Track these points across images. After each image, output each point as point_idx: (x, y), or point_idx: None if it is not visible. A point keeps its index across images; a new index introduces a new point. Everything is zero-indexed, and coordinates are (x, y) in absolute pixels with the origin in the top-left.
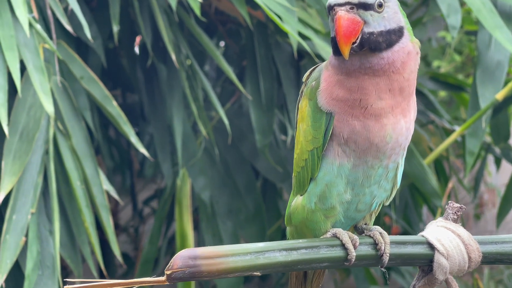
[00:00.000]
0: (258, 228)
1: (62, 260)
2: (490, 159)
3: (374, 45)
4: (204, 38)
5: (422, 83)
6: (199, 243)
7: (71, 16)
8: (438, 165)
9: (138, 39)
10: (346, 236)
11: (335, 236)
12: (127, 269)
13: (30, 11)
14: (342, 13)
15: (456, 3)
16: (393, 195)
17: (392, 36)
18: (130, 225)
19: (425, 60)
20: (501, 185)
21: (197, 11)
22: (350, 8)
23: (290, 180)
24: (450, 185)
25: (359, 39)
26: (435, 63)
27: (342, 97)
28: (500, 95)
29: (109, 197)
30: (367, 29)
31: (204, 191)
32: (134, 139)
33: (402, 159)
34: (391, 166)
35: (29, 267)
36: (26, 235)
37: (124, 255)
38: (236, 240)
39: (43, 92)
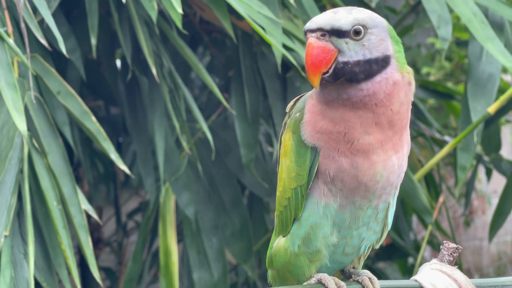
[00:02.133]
0: (244, 244)
1: (37, 283)
2: (481, 167)
3: (349, 75)
4: (187, 51)
5: None
6: (183, 259)
7: (48, 28)
8: (428, 175)
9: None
10: (332, 282)
11: (320, 282)
12: (111, 285)
13: (3, 25)
14: (312, 40)
15: (446, 14)
16: (383, 238)
17: (373, 66)
18: (113, 239)
19: (414, 67)
20: (491, 192)
21: (179, 24)
22: (322, 35)
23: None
24: (441, 199)
25: (332, 69)
26: (424, 70)
27: (325, 129)
28: (492, 109)
29: (96, 210)
30: (341, 58)
31: (188, 206)
32: (114, 156)
33: (394, 198)
34: (381, 207)
35: None
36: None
37: (108, 270)
38: (222, 257)
39: (16, 109)
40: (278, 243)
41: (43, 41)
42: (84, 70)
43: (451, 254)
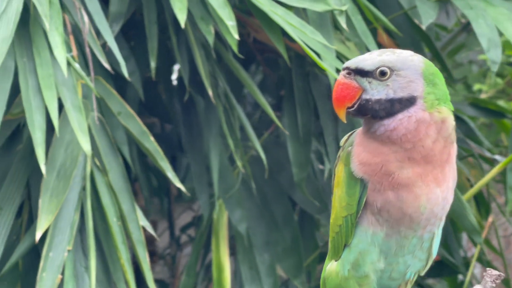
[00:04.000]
0: (295, 261)
1: None
2: None
3: (371, 112)
4: (242, 73)
5: (462, 109)
6: (236, 274)
7: (109, 50)
8: (478, 194)
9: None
10: None
11: None
12: None
13: (69, 50)
14: (340, 77)
15: (496, 37)
16: (428, 265)
17: (396, 105)
18: (167, 252)
19: (465, 84)
20: None
21: (235, 48)
22: (347, 73)
23: (327, 211)
24: (490, 219)
25: (356, 104)
26: (476, 87)
27: (366, 161)
28: None
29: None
30: (365, 96)
31: (241, 223)
32: (171, 175)
33: (438, 229)
34: (426, 237)
35: None
36: (62, 273)
37: (161, 282)
38: (273, 272)
39: (81, 130)
40: (331, 266)
41: (106, 65)
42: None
43: (493, 281)
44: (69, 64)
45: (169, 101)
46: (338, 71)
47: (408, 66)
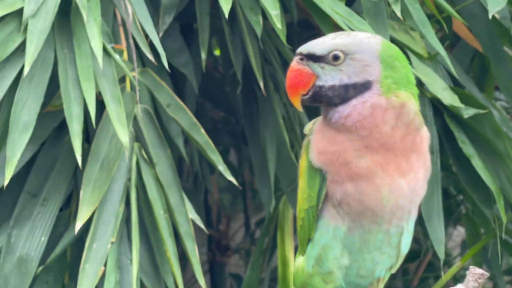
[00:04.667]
0: None
1: None
2: None
3: (325, 99)
4: None
5: None
6: None
7: (163, 42)
8: None
9: None
10: None
11: None
12: None
13: (111, 40)
14: (293, 63)
15: None
16: (398, 263)
17: (350, 91)
18: (241, 247)
19: None
20: None
21: (283, 38)
22: (300, 59)
23: None
24: None
25: (311, 91)
26: None
27: (324, 150)
28: None
29: (224, 218)
30: (318, 82)
31: None
32: (222, 168)
33: (408, 223)
34: (393, 231)
35: None
36: (105, 265)
37: (237, 276)
38: None
39: (119, 122)
40: (298, 262)
41: (150, 56)
42: (205, 82)
43: (476, 280)
44: (109, 56)
45: (232, 94)
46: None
47: (364, 49)
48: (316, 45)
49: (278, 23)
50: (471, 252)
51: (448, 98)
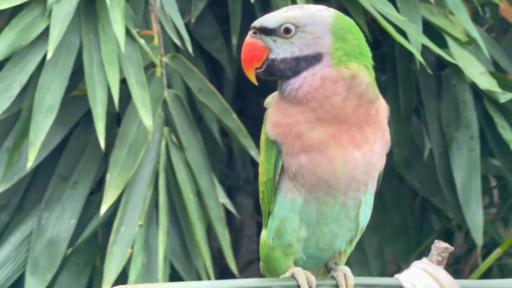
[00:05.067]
0: (404, 244)
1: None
2: None
3: (277, 72)
4: None
5: None
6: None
7: (196, 27)
8: None
9: None
10: (302, 277)
11: (293, 276)
12: None
13: (135, 26)
14: (247, 38)
15: None
16: (357, 237)
17: (301, 63)
18: None
19: None
20: None
21: None
22: (253, 33)
23: (442, 194)
24: None
25: (265, 65)
26: None
27: (278, 122)
28: None
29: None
30: (271, 55)
31: None
32: (254, 153)
33: (366, 195)
34: (350, 204)
35: (131, 279)
36: (133, 247)
37: None
38: (380, 256)
39: (143, 106)
40: (262, 235)
41: (177, 41)
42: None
43: (439, 254)
44: (135, 40)
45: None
46: (439, 43)
47: (315, 21)
48: (268, 19)
49: None
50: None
51: (485, 82)
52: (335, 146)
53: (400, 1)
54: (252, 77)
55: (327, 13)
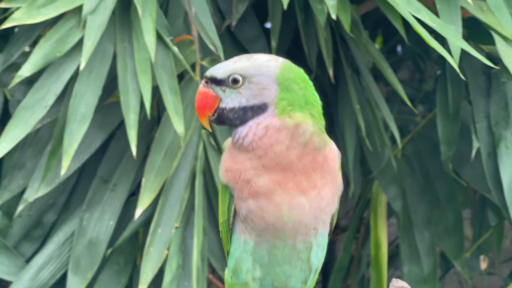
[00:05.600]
0: (456, 241)
1: (214, 270)
2: None
3: (227, 121)
4: (373, 51)
5: None
6: (393, 252)
7: (238, 28)
8: None
9: None
10: None
11: None
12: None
13: (169, 33)
14: (200, 87)
15: None
16: (312, 277)
17: (248, 113)
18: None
19: None
20: None
21: (347, 28)
22: (206, 82)
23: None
24: None
25: (216, 113)
26: None
27: (229, 168)
28: None
29: None
30: (221, 104)
31: (396, 201)
32: None
33: (317, 238)
34: (300, 247)
35: (166, 281)
36: (169, 248)
37: None
38: (432, 253)
39: (176, 112)
40: (225, 272)
41: (211, 47)
42: None
43: None
44: (168, 48)
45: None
46: (487, 40)
47: (262, 72)
48: (218, 69)
49: (333, 13)
50: None
51: None
52: (281, 192)
53: (440, 2)
54: (206, 124)
55: (274, 63)
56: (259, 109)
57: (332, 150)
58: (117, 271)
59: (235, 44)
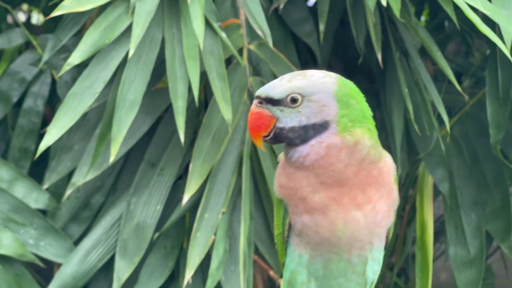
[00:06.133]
0: (504, 223)
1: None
2: None
3: (286, 140)
4: (423, 34)
5: None
6: (439, 234)
7: (285, 10)
8: None
9: None
10: None
11: None
12: None
13: (217, 19)
14: (252, 107)
15: None
16: None
17: (309, 132)
18: None
19: None
20: None
21: (397, 12)
22: (259, 102)
23: None
24: None
25: (272, 132)
26: None
27: (284, 184)
28: None
29: None
30: (278, 124)
31: (443, 182)
32: None
33: (372, 252)
34: (355, 261)
35: (213, 266)
36: (216, 234)
37: None
38: (479, 234)
39: (223, 99)
40: (281, 283)
41: (259, 32)
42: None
43: None
44: (216, 34)
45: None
46: None
47: (319, 89)
48: (273, 89)
49: (383, 0)
50: None
51: None
52: (336, 208)
53: None
54: (259, 144)
55: (329, 79)
56: (320, 127)
57: (387, 163)
58: (164, 255)
59: (282, 27)
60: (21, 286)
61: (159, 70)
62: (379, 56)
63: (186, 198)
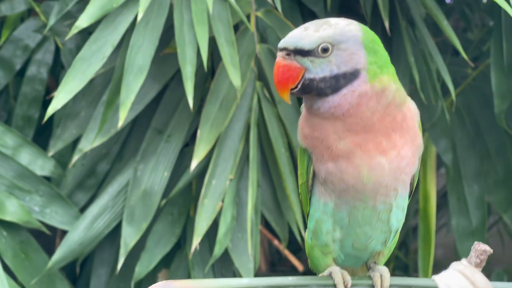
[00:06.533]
0: (506, 194)
1: (268, 224)
2: None
3: (316, 91)
4: (430, 3)
5: None
6: (442, 205)
7: None
8: None
9: None
10: (339, 276)
11: (329, 275)
12: None
13: None
14: (278, 59)
15: None
16: (391, 239)
17: (341, 81)
18: None
19: None
20: None
21: None
22: (287, 54)
23: None
24: None
25: (300, 84)
26: None
27: (308, 134)
28: None
29: None
30: (308, 75)
31: (446, 153)
32: None
33: (397, 199)
34: (380, 208)
35: (221, 232)
36: (223, 200)
37: None
38: (482, 205)
39: (232, 64)
40: (305, 234)
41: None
42: None
43: (478, 256)
44: (226, 0)
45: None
46: None
47: (348, 37)
48: (302, 39)
49: None
50: None
51: None
52: (361, 154)
53: None
54: (286, 97)
55: (354, 27)
56: (351, 75)
57: (410, 109)
58: (171, 222)
59: None
60: (27, 253)
61: (167, 36)
62: (387, 24)
63: (194, 163)
